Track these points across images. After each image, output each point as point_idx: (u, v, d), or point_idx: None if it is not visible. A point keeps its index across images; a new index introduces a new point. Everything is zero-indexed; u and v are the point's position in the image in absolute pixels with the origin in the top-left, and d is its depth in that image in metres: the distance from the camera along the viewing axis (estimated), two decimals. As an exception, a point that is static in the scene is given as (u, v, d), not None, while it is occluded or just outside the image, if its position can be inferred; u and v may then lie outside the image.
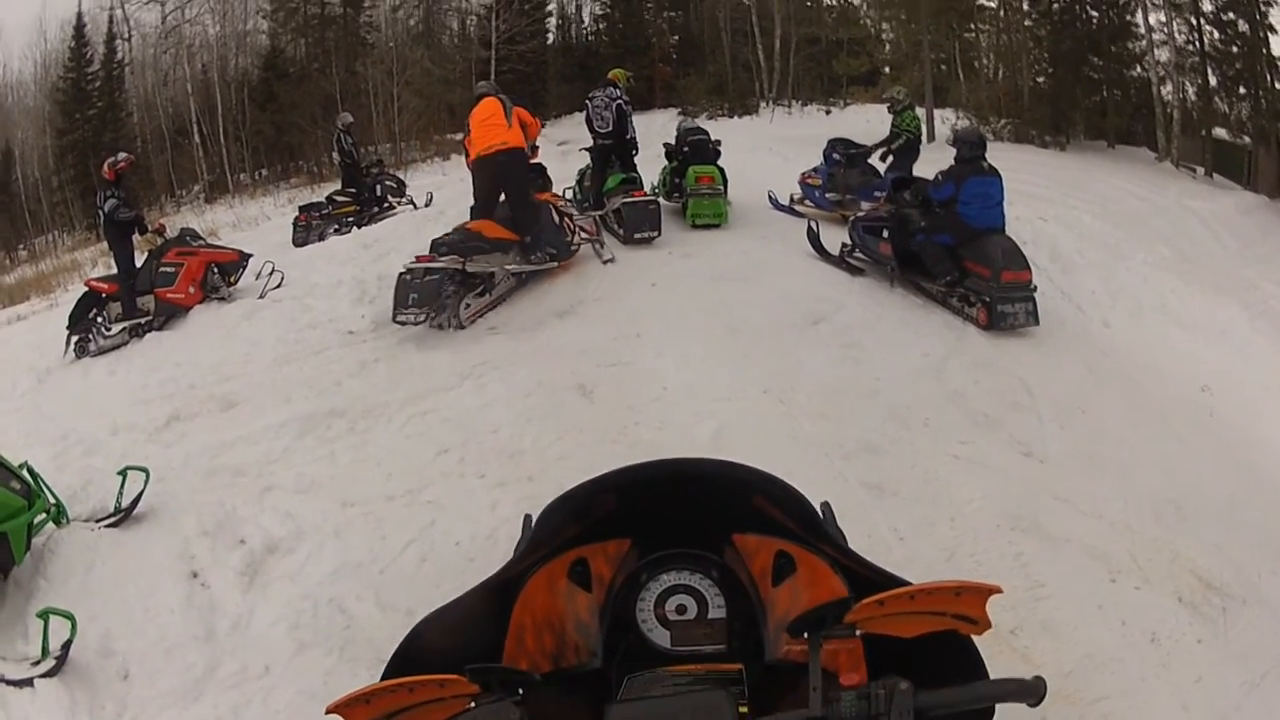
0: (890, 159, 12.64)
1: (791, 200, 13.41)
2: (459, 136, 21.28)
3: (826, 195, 12.94)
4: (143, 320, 10.60)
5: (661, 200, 12.37)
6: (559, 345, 8.48)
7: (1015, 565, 5.38)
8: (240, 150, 22.94)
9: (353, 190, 15.25)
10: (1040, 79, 20.28)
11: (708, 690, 1.33)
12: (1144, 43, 19.01)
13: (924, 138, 13.39)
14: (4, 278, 20.53)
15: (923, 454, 6.64)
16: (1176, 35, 18.57)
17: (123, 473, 6.18)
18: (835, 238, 10.82)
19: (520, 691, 1.43)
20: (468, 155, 9.89)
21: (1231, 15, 17.78)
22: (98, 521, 6.05)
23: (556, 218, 10.32)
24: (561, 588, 1.83)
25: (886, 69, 23.84)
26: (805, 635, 1.38)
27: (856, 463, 6.43)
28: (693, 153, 12.55)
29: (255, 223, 18.36)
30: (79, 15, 22.77)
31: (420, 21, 24.83)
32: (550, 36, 26.19)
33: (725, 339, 8.40)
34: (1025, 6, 20.95)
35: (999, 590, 1.32)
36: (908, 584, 1.39)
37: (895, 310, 9.37)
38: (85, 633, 4.83)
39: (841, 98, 23.73)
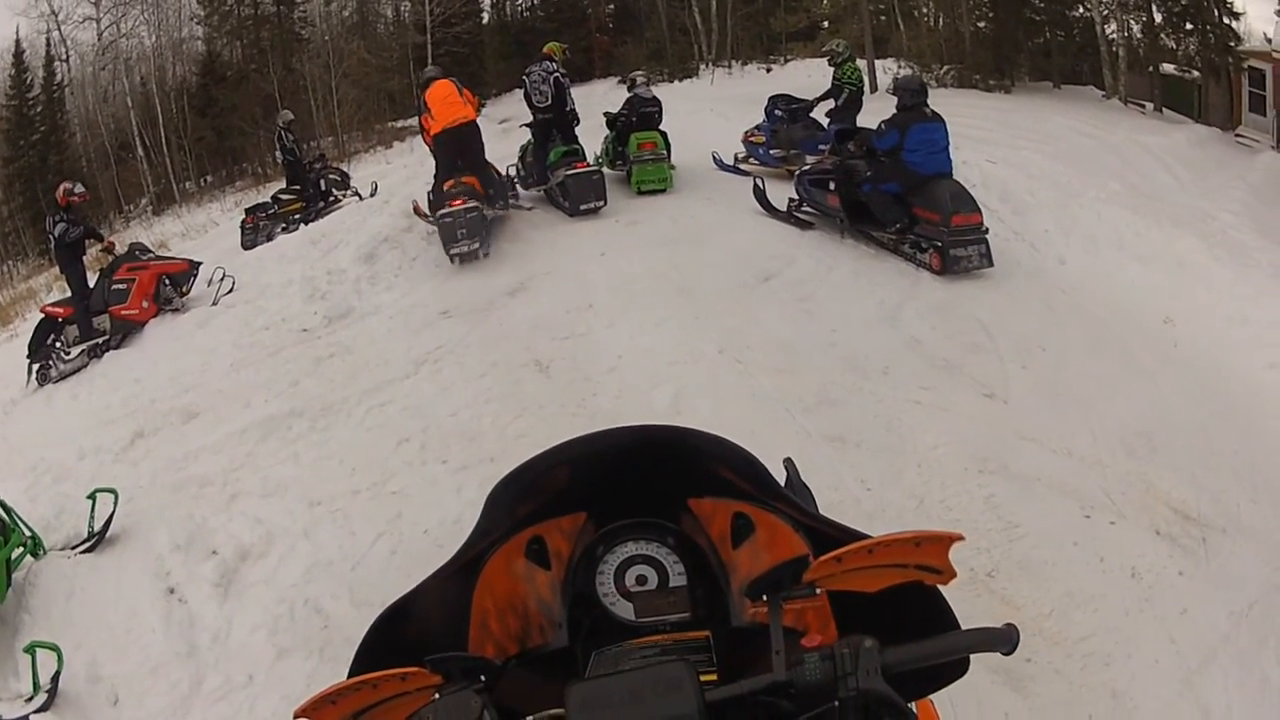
0: (833, 112, 12.54)
1: (736, 159, 13.35)
2: (400, 124, 21.90)
3: (771, 152, 12.88)
4: (100, 340, 10.49)
5: (605, 169, 12.31)
6: (512, 323, 8.48)
7: (986, 508, 5.39)
8: (184, 159, 22.68)
9: (297, 187, 15.02)
10: (981, 24, 20.07)
11: (669, 662, 1.27)
12: None
13: (866, 89, 13.31)
14: None
15: (884, 403, 6.64)
16: None
17: (92, 496, 6.20)
18: (782, 194, 10.80)
19: (483, 679, 1.37)
20: (426, 132, 11.10)
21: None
22: (73, 549, 6.05)
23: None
24: (520, 568, 1.79)
25: (825, 23, 23.66)
26: (764, 598, 1.33)
27: (817, 416, 6.43)
28: (638, 120, 12.44)
29: (204, 230, 18.17)
30: (17, 42, 22.36)
31: (354, 12, 24.51)
32: (485, 16, 25.91)
33: (677, 302, 8.39)
34: None
35: (960, 538, 1.27)
36: (866, 538, 1.32)
37: (847, 261, 9.35)
38: (72, 662, 4.84)
39: (781, 55, 23.52)
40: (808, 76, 18.12)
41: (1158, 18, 17.81)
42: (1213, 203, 10.84)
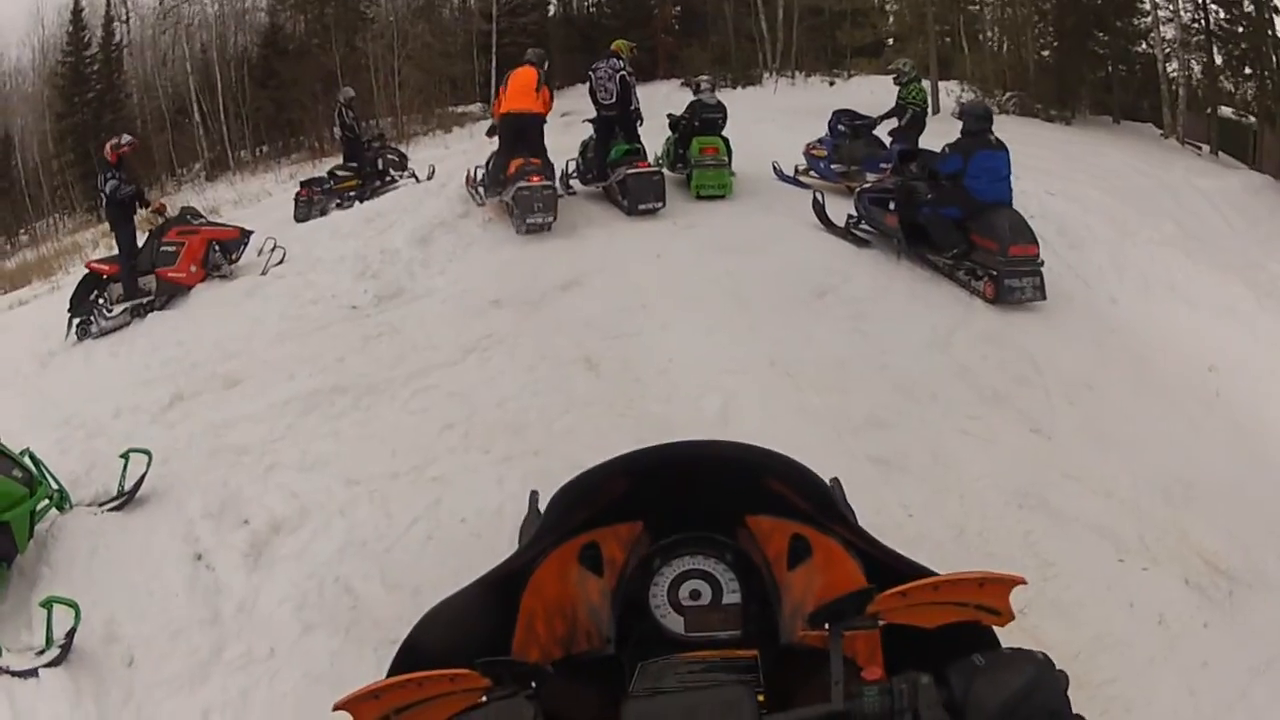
0: (896, 132, 12.42)
1: (796, 171, 13.22)
2: (460, 109, 22.13)
3: (832, 166, 12.77)
4: (144, 300, 10.44)
5: (666, 171, 12.27)
6: (563, 318, 8.41)
7: (1024, 544, 5.32)
8: (241, 127, 22.70)
9: (354, 165, 15.08)
10: (1045, 53, 19.92)
11: (728, 685, 1.29)
12: (1149, 19, 18.65)
13: (929, 110, 13.15)
14: (5, 263, 20.46)
15: (931, 429, 6.53)
16: (1182, 13, 18.17)
17: (125, 455, 6.12)
18: (841, 210, 10.65)
19: (533, 685, 1.34)
20: (498, 106, 11.62)
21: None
22: (101, 505, 5.99)
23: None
24: (572, 573, 1.78)
25: (890, 40, 23.41)
26: (826, 626, 1.31)
27: (864, 437, 6.33)
28: (700, 125, 12.37)
29: (257, 199, 18.25)
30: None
31: None
32: (551, 8, 25.91)
33: (731, 311, 8.30)
34: None
35: (1023, 581, 1.29)
36: (926, 570, 1.38)
37: (902, 283, 9.22)
38: (89, 619, 4.74)
39: (845, 69, 23.26)
40: (870, 93, 17.65)
41: (1218, 59, 17.72)
42: (1264, 251, 10.60)
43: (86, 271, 10.95)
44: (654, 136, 12.61)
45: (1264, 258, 10.16)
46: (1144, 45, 18.79)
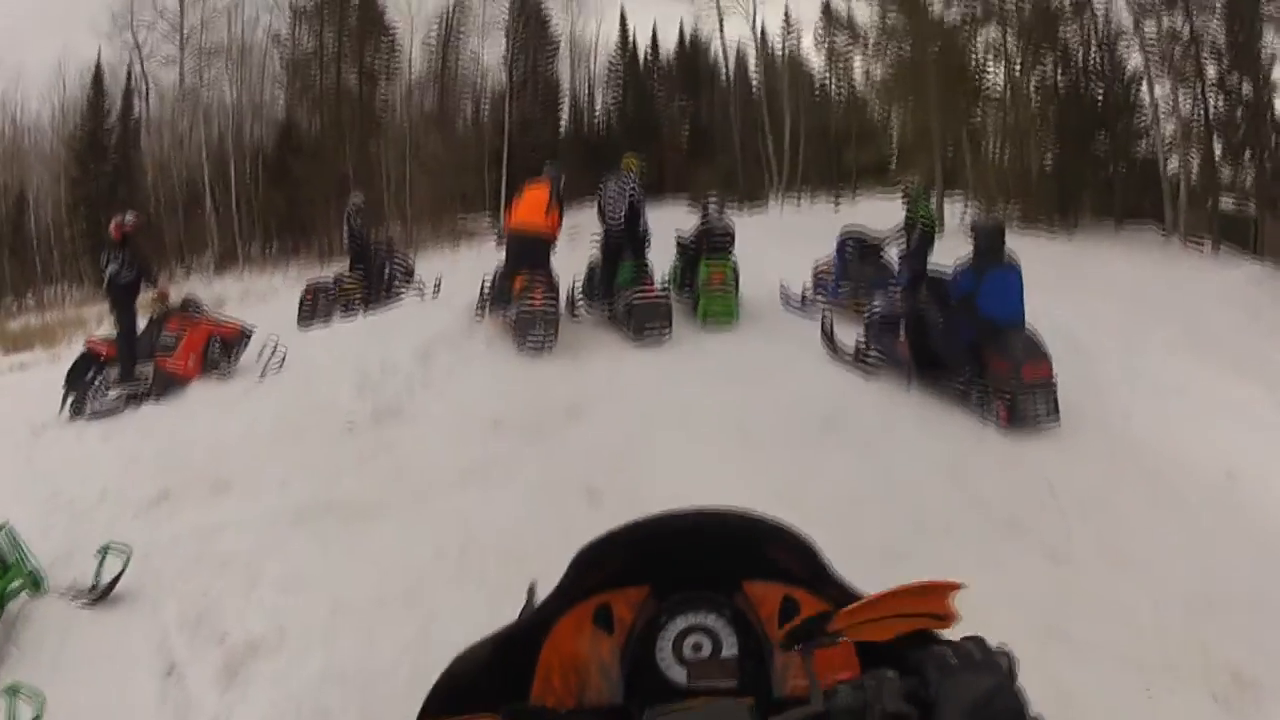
0: (904, 250, 12.42)
1: (804, 293, 13.24)
2: (471, 221, 22.49)
3: (839, 288, 12.74)
4: (140, 388, 10.41)
5: (673, 295, 12.19)
6: (566, 445, 8.21)
7: (1045, 677, 4.96)
8: (252, 222, 23.00)
9: (361, 272, 15.07)
10: (1047, 157, 20.36)
11: (727, 702, 1.44)
12: (1148, 115, 19.22)
13: (937, 227, 13.08)
14: (10, 323, 20.36)
15: (946, 562, 6.10)
16: (1181, 106, 18.90)
17: (104, 549, 6.00)
18: (850, 334, 10.60)
19: None
20: (508, 219, 11.49)
21: (1236, 76, 17.95)
22: (76, 596, 5.89)
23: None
24: (586, 630, 1.87)
25: (893, 158, 24.15)
26: (798, 648, 1.47)
27: (879, 573, 5.98)
28: (708, 248, 12.37)
29: (263, 297, 18.23)
30: (97, 66, 22.86)
31: (435, 104, 24.98)
32: (562, 125, 26.59)
33: (738, 443, 8.10)
34: (1030, 86, 21.02)
35: (962, 585, 1.43)
36: None
37: (912, 411, 9.06)
38: (54, 715, 4.55)
39: (850, 189, 23.82)
40: (877, 214, 17.52)
41: (1217, 150, 18.45)
42: (1271, 343, 10.68)
43: (85, 349, 10.87)
44: (661, 254, 12.63)
45: (1272, 350, 10.29)
46: (1144, 143, 19.32)
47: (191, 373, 10.61)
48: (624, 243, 11.86)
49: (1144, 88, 19.47)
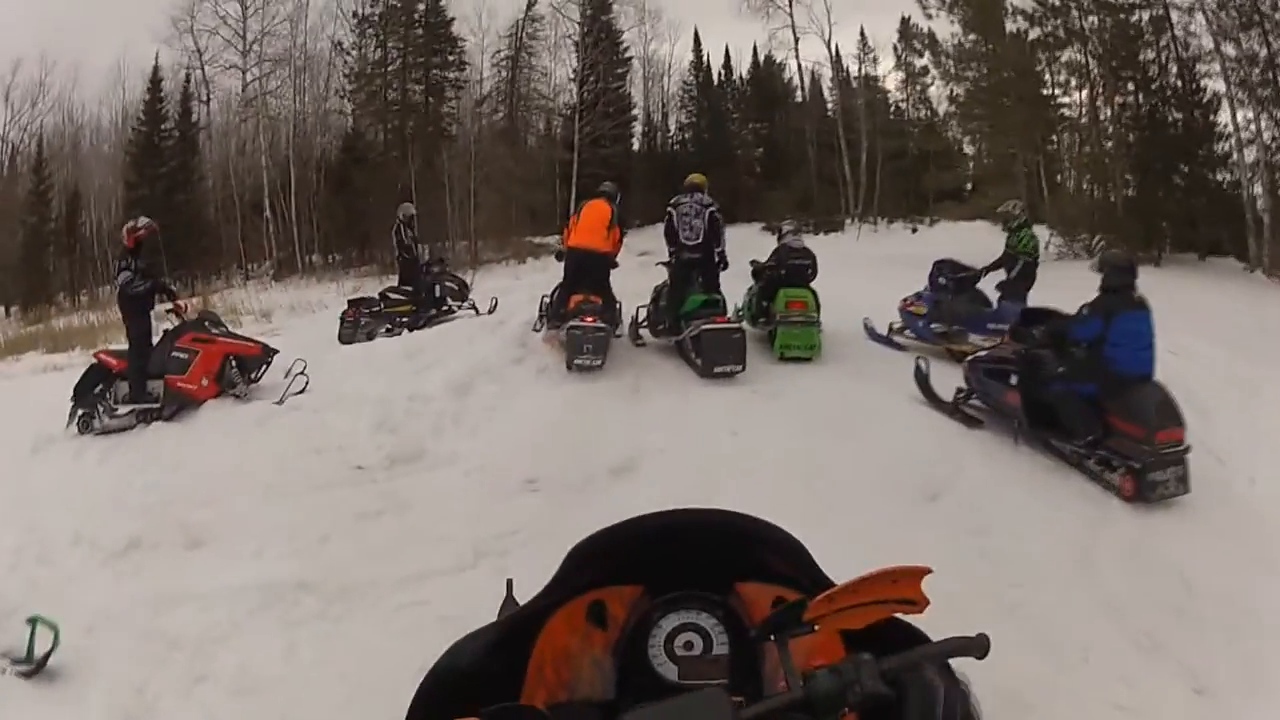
0: (1003, 285, 10.79)
1: (890, 330, 11.44)
2: (537, 240, 21.64)
3: (931, 325, 10.94)
4: (151, 406, 9.38)
5: (746, 326, 10.43)
6: (610, 511, 6.14)
7: None
8: (312, 231, 22.03)
9: (409, 289, 13.68)
10: (1127, 188, 19.00)
11: (706, 689, 1.27)
12: (1231, 142, 17.88)
13: (1039, 259, 11.24)
14: (56, 322, 19.60)
15: (1084, 709, 4.76)
16: (1263, 132, 17.66)
17: (32, 621, 5.21)
18: (945, 378, 8.98)
19: None
20: (567, 236, 10.87)
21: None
22: (14, 662, 5.20)
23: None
24: (580, 626, 1.79)
25: (968, 185, 22.90)
26: (773, 638, 1.42)
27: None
28: (786, 274, 10.70)
29: (311, 309, 16.89)
30: (155, 70, 22.03)
31: (504, 117, 24.00)
32: (635, 143, 25.59)
33: (821, 513, 6.28)
34: (1108, 114, 19.77)
35: (929, 570, 1.30)
36: None
37: (1023, 476, 7.40)
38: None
39: (928, 215, 22.32)
40: (954, 240, 17.08)
41: None
42: None
43: (94, 362, 9.88)
44: (732, 284, 10.93)
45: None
46: (1226, 174, 18.15)
47: (205, 394, 9.46)
48: (696, 267, 10.40)
49: (1224, 113, 18.15)
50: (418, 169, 21.32)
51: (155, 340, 9.71)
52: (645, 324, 11.04)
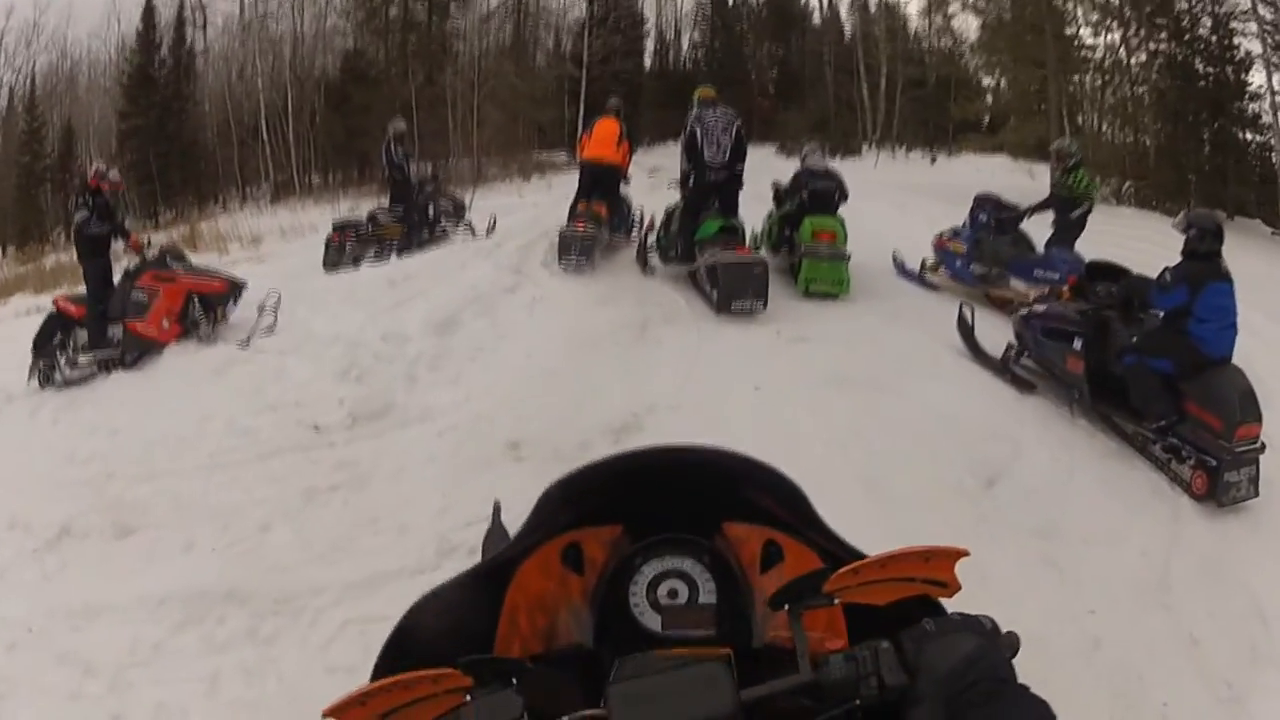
0: (1057, 229, 9.36)
1: (923, 267, 10.04)
2: (544, 156, 21.04)
3: (970, 266, 9.55)
4: (112, 353, 8.41)
5: (766, 256, 9.19)
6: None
7: None
8: (308, 151, 20.88)
9: (400, 209, 12.34)
10: (1157, 138, 17.85)
11: (705, 664, 1.17)
12: (1264, 104, 16.68)
13: (1091, 207, 9.71)
14: (45, 259, 18.38)
15: None
16: None
17: None
18: (989, 328, 7.75)
19: (515, 680, 1.19)
20: (581, 151, 10.97)
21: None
22: None
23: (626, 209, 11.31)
24: (555, 570, 1.61)
25: (986, 119, 21.54)
26: (786, 608, 1.24)
27: None
28: (811, 199, 9.30)
29: (303, 233, 15.41)
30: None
31: (509, 34, 22.54)
32: (647, 60, 24.24)
33: (858, 494, 5.17)
34: (1140, 59, 18.51)
35: (966, 553, 1.14)
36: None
37: (1087, 463, 6.19)
38: None
39: (947, 145, 20.97)
40: (976, 171, 16.54)
41: None
42: None
43: (53, 310, 8.88)
44: (750, 208, 9.63)
45: None
46: (1256, 135, 16.94)
47: (167, 337, 8.39)
48: (715, 190, 9.16)
49: (1257, 74, 16.79)
50: (419, 86, 20.18)
51: (117, 282, 8.76)
52: (654, 250, 9.96)
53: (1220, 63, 17.07)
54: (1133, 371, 6.27)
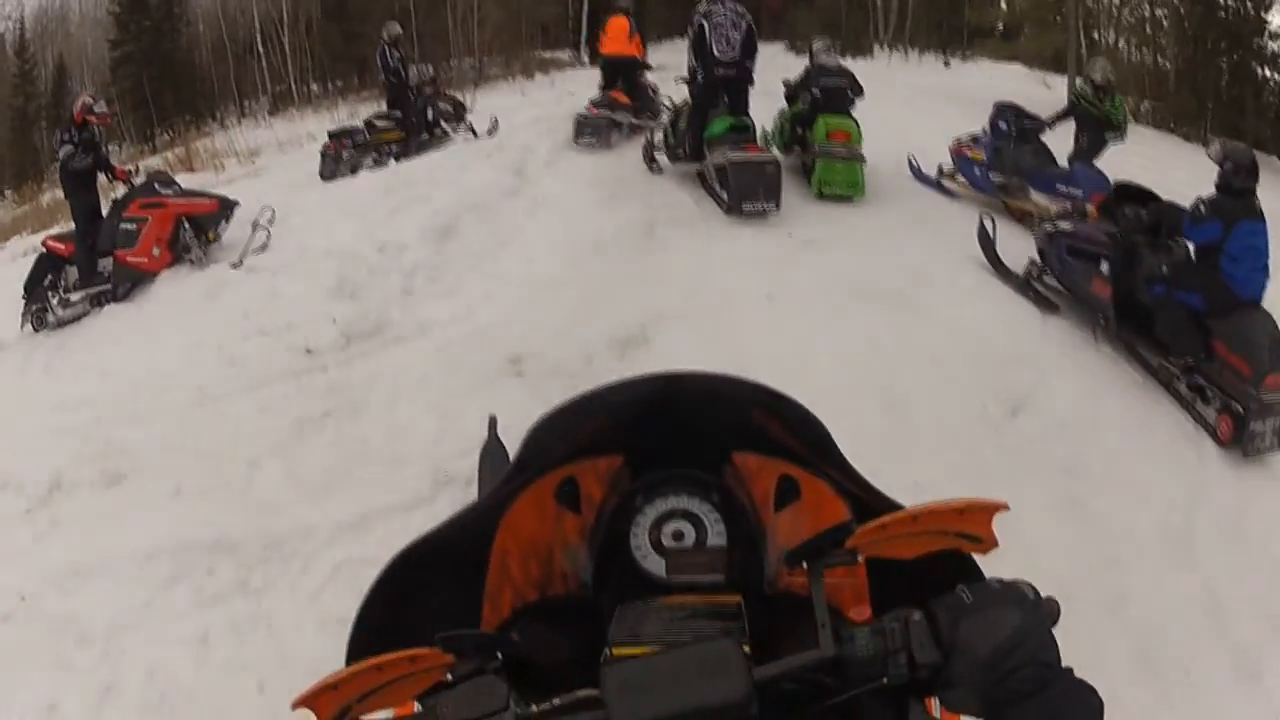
0: (1076, 143, 8.86)
1: (940, 173, 9.46)
2: (547, 54, 20.67)
3: (989, 175, 9.01)
4: (104, 287, 8.10)
5: (778, 155, 8.57)
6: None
7: None
8: (305, 61, 20.27)
9: (398, 114, 11.93)
10: (1175, 60, 17.13)
11: (714, 639, 1.05)
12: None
13: (1123, 136, 9.16)
14: (43, 198, 17.88)
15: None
16: None
17: None
18: (1012, 240, 7.44)
19: (500, 656, 1.11)
20: (599, 48, 12.09)
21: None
22: None
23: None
24: (549, 509, 1.49)
25: (999, 25, 20.80)
26: (805, 566, 1.11)
27: None
28: (824, 97, 8.79)
29: (300, 144, 14.80)
30: None
31: None
32: None
33: (879, 417, 4.96)
34: None
35: (1005, 506, 1.05)
36: (902, 507, 1.15)
37: (1113, 394, 5.91)
38: None
39: (961, 49, 20.22)
40: (990, 79, 16.18)
41: None
42: None
43: (43, 250, 8.60)
44: (758, 105, 8.99)
45: None
46: (1276, 73, 16.11)
47: (158, 265, 8.13)
48: (724, 86, 8.56)
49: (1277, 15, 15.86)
50: None
51: (105, 214, 8.47)
52: (660, 148, 9.37)
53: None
54: (1161, 303, 5.94)
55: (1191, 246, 5.92)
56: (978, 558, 1.17)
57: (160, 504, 4.65)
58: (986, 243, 7.31)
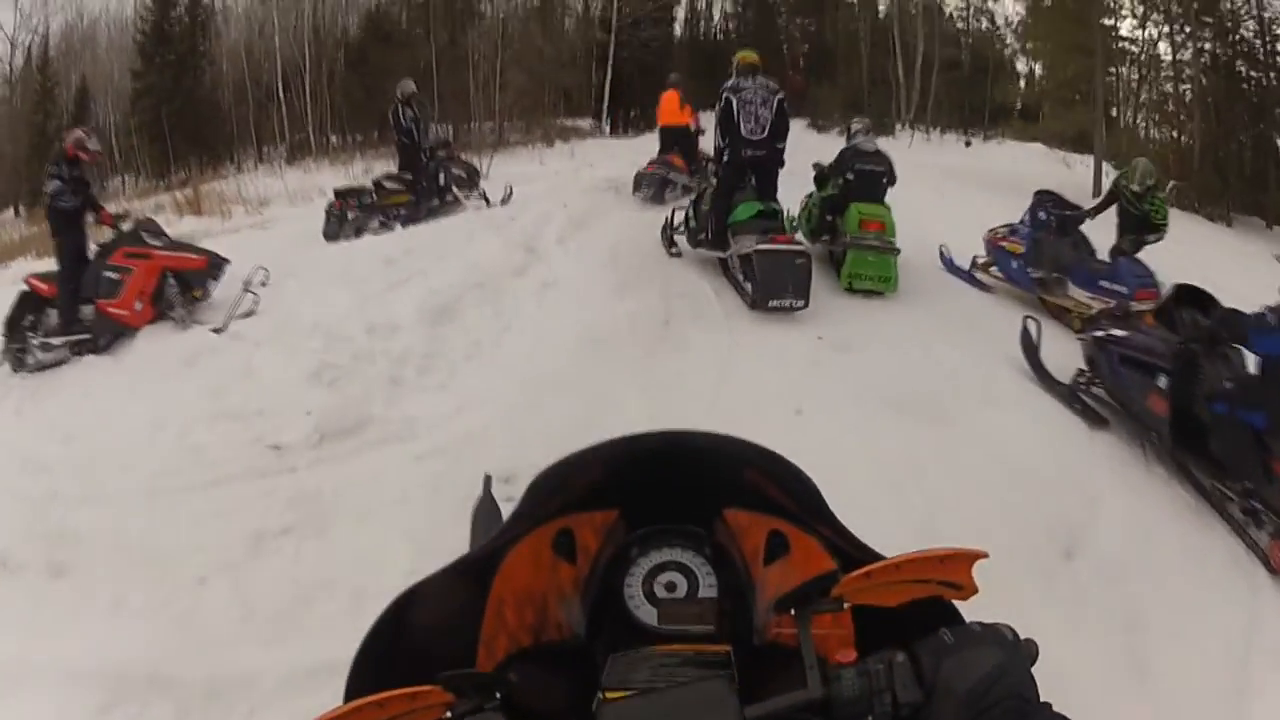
0: (1118, 236, 8.50)
1: (974, 265, 9.10)
2: (569, 122, 20.72)
3: (1028, 269, 8.50)
4: (85, 336, 7.71)
5: (805, 243, 8.05)
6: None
7: None
8: (323, 112, 20.30)
9: (409, 176, 11.45)
10: (1200, 138, 16.96)
11: (706, 680, 1.15)
12: None
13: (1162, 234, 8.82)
14: None
15: None
16: None
17: None
18: (1049, 340, 6.75)
19: (498, 696, 1.14)
20: (657, 119, 13.35)
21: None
22: None
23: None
24: (545, 559, 1.53)
25: (1018, 105, 20.92)
26: (793, 612, 1.16)
27: None
28: (857, 182, 8.28)
29: (311, 198, 14.44)
30: None
31: None
32: (676, 29, 23.44)
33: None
34: (1184, 55, 17.67)
35: (984, 555, 1.10)
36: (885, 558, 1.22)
37: (1166, 521, 5.13)
38: None
39: (982, 128, 20.48)
40: (1012, 160, 16.47)
41: None
42: None
43: (24, 288, 8.16)
44: (787, 187, 8.55)
45: None
46: None
47: (140, 320, 7.78)
48: (753, 168, 8.07)
49: None
50: (442, 47, 19.64)
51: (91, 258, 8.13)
52: (680, 231, 8.88)
53: (1262, 67, 16.41)
54: (1221, 421, 5.19)
55: (1257, 359, 5.20)
56: (959, 604, 1.19)
57: (100, 614, 4.02)
58: (1030, 349, 6.73)
